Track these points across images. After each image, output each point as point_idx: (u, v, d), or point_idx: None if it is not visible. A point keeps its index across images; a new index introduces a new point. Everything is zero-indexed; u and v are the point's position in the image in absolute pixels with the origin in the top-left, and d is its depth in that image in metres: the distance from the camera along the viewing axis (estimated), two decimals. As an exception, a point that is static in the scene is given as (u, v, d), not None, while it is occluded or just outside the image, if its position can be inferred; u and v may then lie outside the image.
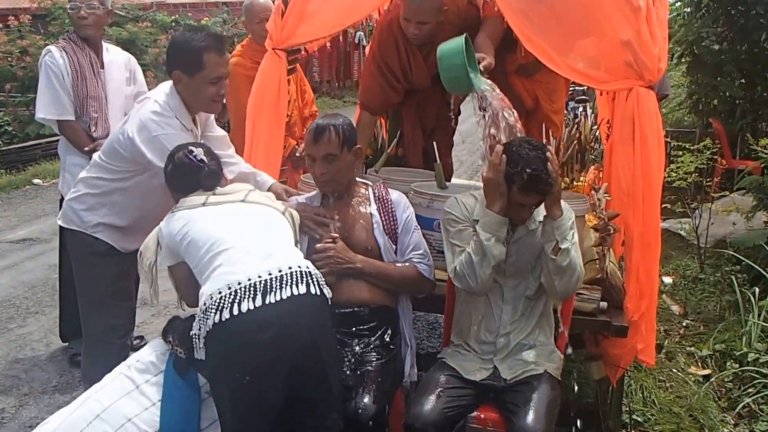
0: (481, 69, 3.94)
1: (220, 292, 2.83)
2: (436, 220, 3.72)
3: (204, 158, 3.32)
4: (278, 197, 3.66)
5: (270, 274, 2.88)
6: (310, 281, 2.95)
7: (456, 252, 3.35)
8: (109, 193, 3.79)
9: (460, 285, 3.34)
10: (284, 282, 2.88)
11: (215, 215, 3.18)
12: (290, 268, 2.94)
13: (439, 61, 3.79)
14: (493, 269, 3.22)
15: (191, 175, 3.31)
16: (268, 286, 2.85)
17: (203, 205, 3.22)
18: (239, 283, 2.84)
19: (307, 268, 3.00)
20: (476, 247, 3.21)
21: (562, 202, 3.33)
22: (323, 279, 3.06)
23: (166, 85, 3.72)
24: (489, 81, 3.88)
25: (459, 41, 3.76)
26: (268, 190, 3.79)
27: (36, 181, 11.32)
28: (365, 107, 4.69)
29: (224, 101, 3.94)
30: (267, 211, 3.30)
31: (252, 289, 2.83)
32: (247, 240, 3.04)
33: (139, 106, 3.76)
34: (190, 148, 3.34)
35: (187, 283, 3.22)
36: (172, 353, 3.12)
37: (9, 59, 13.60)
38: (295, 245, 3.26)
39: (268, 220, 3.24)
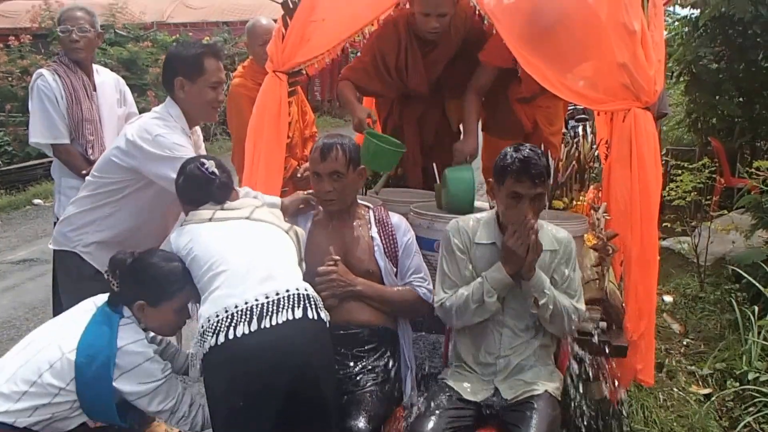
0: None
1: (217, 315, 2.85)
2: (436, 241, 3.73)
3: (215, 170, 3.32)
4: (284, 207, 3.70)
5: (267, 297, 2.90)
6: (307, 305, 2.96)
7: (447, 283, 3.39)
8: (100, 207, 3.83)
9: (443, 318, 3.40)
10: (281, 306, 2.89)
11: (219, 232, 3.17)
12: (288, 291, 2.95)
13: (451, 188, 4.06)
14: None
15: (202, 187, 3.32)
16: (265, 310, 2.86)
17: (210, 220, 3.22)
18: (236, 307, 2.86)
19: (306, 291, 3.01)
20: (476, 296, 3.25)
21: (559, 228, 3.40)
22: (321, 303, 3.06)
23: (161, 105, 3.82)
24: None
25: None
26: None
27: (36, 201, 11.36)
28: (347, 77, 4.69)
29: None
30: (270, 229, 3.27)
31: (248, 312, 2.84)
32: (246, 261, 3.03)
33: (134, 122, 3.84)
34: (202, 160, 3.35)
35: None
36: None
37: (9, 79, 13.65)
38: (299, 264, 3.27)
39: (270, 240, 3.22)
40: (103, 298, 3.20)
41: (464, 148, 4.45)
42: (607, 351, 3.61)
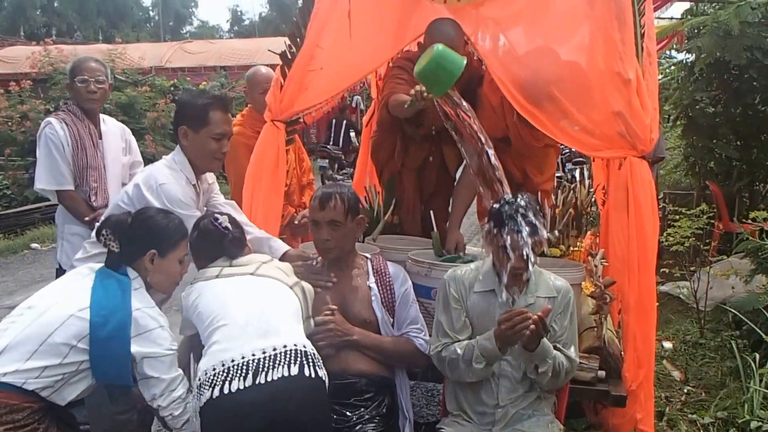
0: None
1: (213, 369, 2.85)
2: (434, 289, 3.74)
3: (228, 226, 3.40)
4: (292, 261, 3.71)
5: (264, 352, 2.88)
6: (304, 362, 2.93)
7: (441, 332, 3.39)
8: None
9: (438, 365, 3.41)
10: (278, 362, 2.87)
11: (223, 289, 3.21)
12: (285, 347, 2.93)
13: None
14: None
15: (216, 242, 3.39)
16: (260, 366, 2.85)
17: (217, 277, 3.27)
18: (232, 361, 2.85)
19: (304, 347, 2.98)
20: (466, 357, 3.25)
21: (558, 277, 3.39)
22: (320, 361, 3.03)
23: (169, 154, 3.86)
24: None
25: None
26: (283, 256, 3.83)
27: (34, 245, 11.33)
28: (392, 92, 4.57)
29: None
30: (274, 285, 3.27)
31: (244, 367, 2.83)
32: (246, 315, 3.03)
33: (140, 172, 3.87)
34: (215, 215, 3.43)
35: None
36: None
37: (9, 124, 13.75)
38: (306, 320, 3.29)
39: (272, 295, 3.21)
40: (97, 264, 3.25)
41: (449, 245, 4.48)
42: (606, 401, 3.60)
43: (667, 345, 6.38)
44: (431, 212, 4.35)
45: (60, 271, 4.54)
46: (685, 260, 6.82)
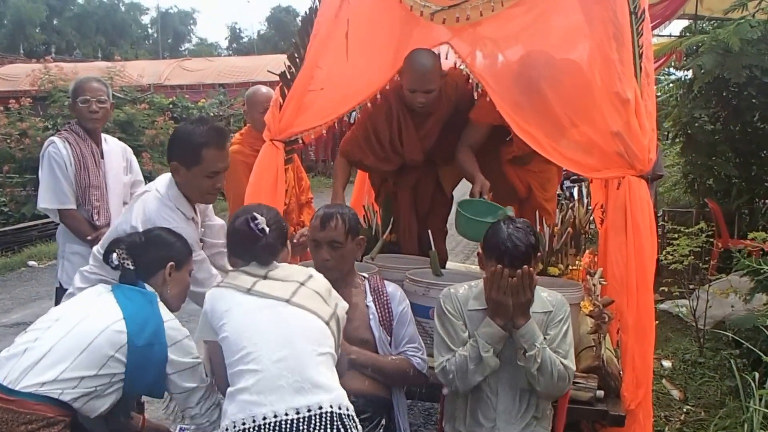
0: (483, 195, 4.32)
1: (243, 423, 2.75)
2: (431, 308, 3.72)
3: (265, 227, 3.15)
4: None
5: (298, 413, 2.76)
6: (341, 427, 2.79)
7: (445, 347, 3.37)
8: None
9: (444, 382, 3.37)
10: (312, 426, 2.75)
11: (255, 315, 2.98)
12: (321, 408, 2.79)
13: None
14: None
15: (247, 244, 3.18)
16: (294, 428, 2.73)
17: (248, 291, 3.04)
18: (264, 418, 2.74)
19: (339, 409, 2.84)
20: (473, 355, 3.23)
21: (555, 293, 3.38)
22: (357, 423, 2.91)
23: (166, 177, 3.83)
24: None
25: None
26: None
27: (31, 263, 11.26)
28: (343, 154, 4.78)
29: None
30: (311, 322, 3.01)
31: (277, 428, 2.73)
32: (280, 364, 2.84)
33: (139, 197, 3.86)
34: (254, 214, 3.18)
35: (219, 364, 3.06)
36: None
37: (8, 141, 13.76)
38: (336, 351, 3.08)
39: (309, 337, 2.95)
40: (107, 285, 3.28)
41: (477, 190, 4.50)
42: (604, 420, 3.58)
43: (666, 364, 6.37)
44: (429, 231, 4.34)
45: (60, 290, 4.54)
46: (684, 278, 6.81)
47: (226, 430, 2.79)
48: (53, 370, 2.89)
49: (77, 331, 2.99)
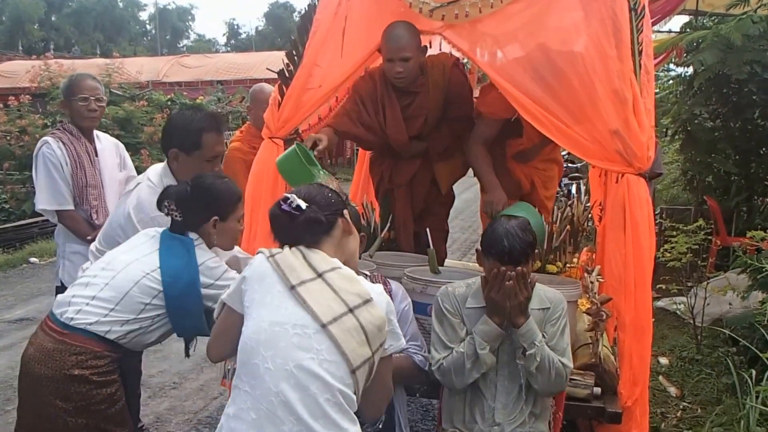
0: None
1: None
2: (429, 306, 3.72)
3: (300, 203, 2.73)
4: None
5: None
6: None
7: (441, 345, 3.38)
8: None
9: (441, 380, 3.38)
10: None
11: (278, 335, 2.55)
12: None
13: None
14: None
15: (284, 227, 2.78)
16: None
17: (292, 289, 2.61)
18: None
19: None
20: (469, 352, 3.24)
21: (553, 289, 3.40)
22: None
23: (158, 167, 3.90)
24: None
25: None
26: None
27: (32, 259, 11.31)
28: (330, 124, 4.63)
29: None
30: (331, 366, 2.51)
31: None
32: (285, 406, 2.47)
33: (132, 188, 3.92)
34: (286, 195, 2.80)
35: (222, 334, 2.85)
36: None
37: (8, 138, 13.75)
38: (357, 393, 2.61)
39: (324, 383, 2.49)
40: (159, 230, 3.42)
41: (492, 200, 4.55)
42: (601, 417, 3.59)
43: (663, 361, 6.38)
44: (428, 230, 4.34)
45: (61, 289, 4.51)
46: (682, 276, 6.81)
47: None
48: (99, 312, 3.12)
49: (119, 278, 3.19)
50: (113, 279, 3.19)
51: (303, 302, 2.58)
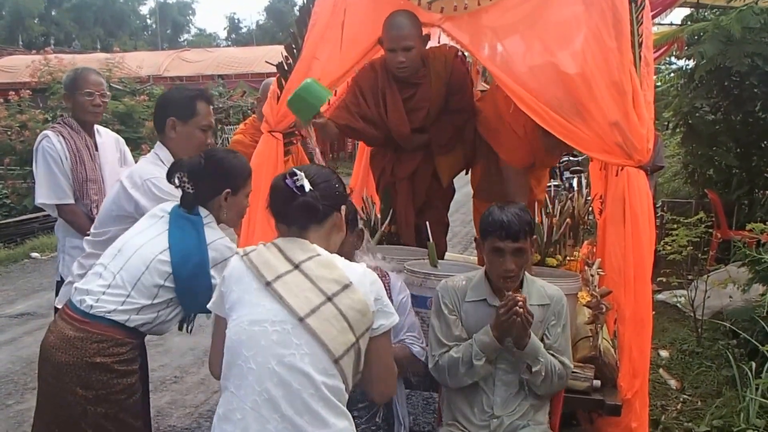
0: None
1: None
2: (429, 298, 3.73)
3: (305, 185, 2.68)
4: None
5: None
6: None
7: (438, 343, 3.40)
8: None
9: (437, 377, 3.41)
10: None
11: (257, 335, 2.53)
12: None
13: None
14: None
15: (282, 202, 2.75)
16: None
17: (267, 285, 2.59)
18: None
19: None
20: (465, 358, 3.26)
21: (551, 285, 3.39)
22: None
23: (149, 154, 3.98)
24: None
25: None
26: None
27: (34, 254, 11.34)
28: (331, 118, 4.58)
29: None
30: (312, 359, 2.50)
31: None
32: (269, 403, 2.47)
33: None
34: (293, 170, 2.74)
35: (216, 344, 2.79)
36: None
37: (8, 133, 13.76)
38: (354, 376, 2.64)
39: (307, 378, 2.48)
40: (169, 205, 3.39)
41: None
42: (601, 410, 3.60)
43: (664, 354, 6.39)
44: (427, 223, 4.34)
45: (61, 284, 4.50)
46: (683, 269, 6.82)
47: None
48: (116, 300, 3.14)
49: (131, 263, 3.20)
50: (126, 264, 3.20)
51: (279, 298, 2.55)
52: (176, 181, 3.31)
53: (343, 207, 2.91)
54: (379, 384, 2.77)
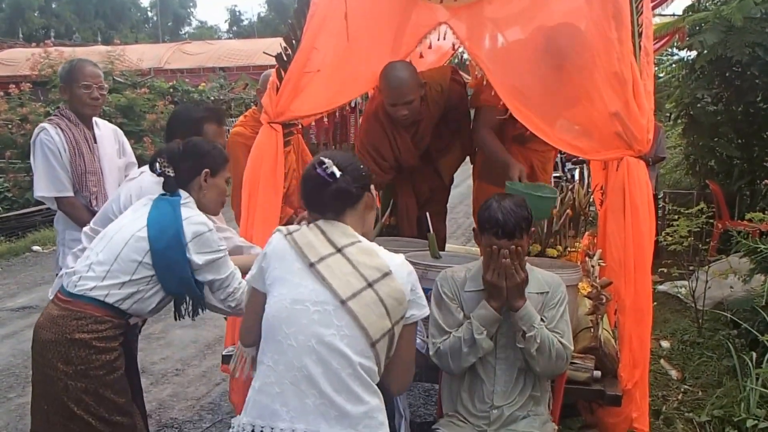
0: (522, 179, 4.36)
1: (252, 427, 2.62)
2: (429, 290, 3.72)
3: (335, 171, 2.73)
4: None
5: None
6: None
7: (440, 330, 3.40)
8: None
9: (439, 364, 3.40)
10: None
11: (299, 314, 2.63)
12: None
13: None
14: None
15: (316, 191, 2.79)
16: None
17: (311, 266, 2.67)
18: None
19: None
20: (467, 336, 3.26)
21: (551, 273, 3.42)
22: None
23: None
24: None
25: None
26: None
27: (35, 248, 11.36)
28: None
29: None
30: (350, 340, 2.59)
31: None
32: (308, 381, 2.57)
33: (135, 176, 3.97)
34: (321, 158, 2.77)
35: (251, 314, 2.91)
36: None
37: (9, 126, 13.77)
38: (378, 366, 2.68)
39: (344, 358, 2.58)
40: (155, 196, 3.46)
41: (515, 173, 4.50)
42: (601, 400, 3.60)
43: (665, 344, 6.40)
44: (427, 213, 4.34)
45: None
46: (684, 260, 6.82)
47: (233, 427, 2.68)
48: (97, 277, 3.23)
49: (113, 241, 3.31)
50: (108, 243, 3.32)
51: (322, 279, 2.64)
52: (157, 166, 3.40)
53: (372, 186, 2.98)
54: (401, 372, 2.85)
